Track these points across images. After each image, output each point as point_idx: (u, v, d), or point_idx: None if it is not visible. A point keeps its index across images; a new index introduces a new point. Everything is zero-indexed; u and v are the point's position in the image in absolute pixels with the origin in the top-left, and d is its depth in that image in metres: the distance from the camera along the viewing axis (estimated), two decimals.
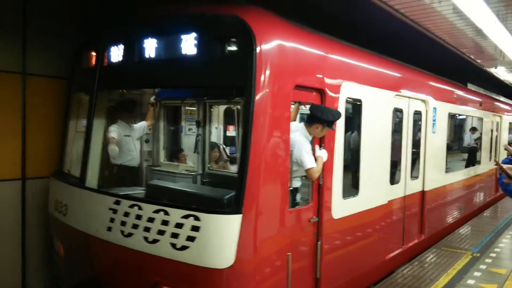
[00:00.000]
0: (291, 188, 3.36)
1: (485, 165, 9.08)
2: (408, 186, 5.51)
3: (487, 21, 5.50)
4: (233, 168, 5.42)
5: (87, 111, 4.15)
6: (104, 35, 3.98)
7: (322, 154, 3.56)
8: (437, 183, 6.35)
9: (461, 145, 8.56)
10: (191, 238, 2.95)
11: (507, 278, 4.94)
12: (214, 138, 5.40)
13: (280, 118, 3.17)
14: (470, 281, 4.81)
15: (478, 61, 8.33)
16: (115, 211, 3.43)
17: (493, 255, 5.94)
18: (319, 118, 3.44)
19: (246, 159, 2.93)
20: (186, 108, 6.11)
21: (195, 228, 2.95)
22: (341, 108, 3.87)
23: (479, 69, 8.96)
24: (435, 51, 7.53)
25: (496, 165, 3.85)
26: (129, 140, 5.01)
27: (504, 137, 10.30)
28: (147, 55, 3.46)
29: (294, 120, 3.95)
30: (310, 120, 3.52)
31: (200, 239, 2.92)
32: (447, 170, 6.86)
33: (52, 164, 4.80)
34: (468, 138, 8.63)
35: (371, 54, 4.73)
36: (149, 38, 3.43)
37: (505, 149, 5.06)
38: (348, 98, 3.98)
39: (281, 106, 3.19)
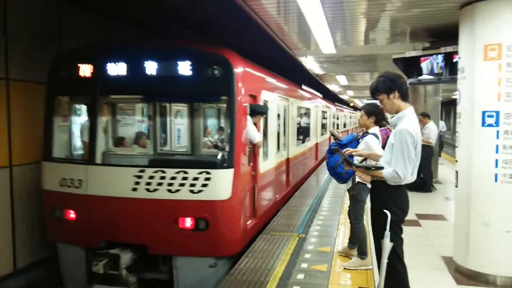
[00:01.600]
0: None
1: (313, 141, 13.21)
2: (281, 154, 8.54)
3: (311, 7, 5.33)
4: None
5: (90, 110, 5.70)
6: (107, 56, 5.50)
7: (259, 134, 6.13)
8: (294, 153, 9.66)
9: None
10: (204, 185, 5.08)
11: (333, 257, 5.27)
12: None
13: (244, 112, 5.56)
14: (304, 265, 5.00)
15: (293, 51, 8.80)
16: (140, 177, 5.19)
17: (316, 233, 6.31)
18: (260, 111, 6.03)
19: (233, 138, 5.23)
20: (119, 105, 7.58)
21: (207, 179, 5.09)
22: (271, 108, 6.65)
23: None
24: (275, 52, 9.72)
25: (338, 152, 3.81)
26: None
27: (319, 121, 14.69)
28: (155, 73, 5.32)
29: None
30: (253, 113, 5.93)
31: (211, 185, 5.08)
32: (297, 144, 10.32)
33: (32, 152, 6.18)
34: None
35: (270, 72, 7.52)
36: (158, 62, 5.30)
37: (332, 135, 5.18)
38: (264, 100, 6.61)
39: (245, 106, 5.57)
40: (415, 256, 5.02)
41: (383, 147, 3.83)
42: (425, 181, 9.45)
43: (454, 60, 6.19)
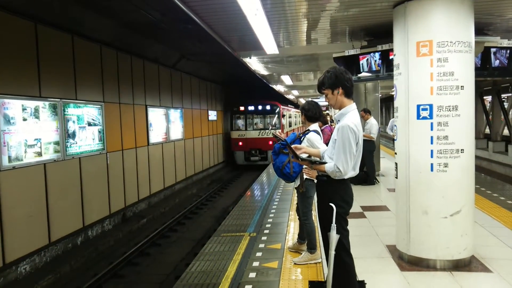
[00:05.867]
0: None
1: (293, 126, 30.24)
2: (286, 128, 26.21)
3: (251, 8, 5.30)
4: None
5: (244, 118, 23.73)
6: (248, 106, 23.59)
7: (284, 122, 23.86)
8: (289, 129, 27.01)
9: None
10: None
11: (283, 253, 5.27)
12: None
13: (282, 117, 23.72)
14: (255, 263, 4.97)
15: (237, 53, 8.75)
16: (259, 132, 23.30)
17: (267, 231, 6.31)
18: (284, 116, 23.97)
19: (280, 122, 23.53)
20: (247, 115, 24.82)
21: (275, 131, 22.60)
22: (285, 115, 24.87)
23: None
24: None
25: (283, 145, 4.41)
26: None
27: (293, 118, 30.66)
28: (259, 109, 23.83)
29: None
30: (283, 117, 23.74)
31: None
32: (290, 126, 28.20)
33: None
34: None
35: (285, 104, 25.80)
36: (259, 106, 23.78)
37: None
38: (283, 113, 24.33)
39: (282, 115, 23.70)
40: (361, 247, 5.29)
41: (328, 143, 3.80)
42: (368, 175, 9.63)
43: (391, 57, 6.31)
